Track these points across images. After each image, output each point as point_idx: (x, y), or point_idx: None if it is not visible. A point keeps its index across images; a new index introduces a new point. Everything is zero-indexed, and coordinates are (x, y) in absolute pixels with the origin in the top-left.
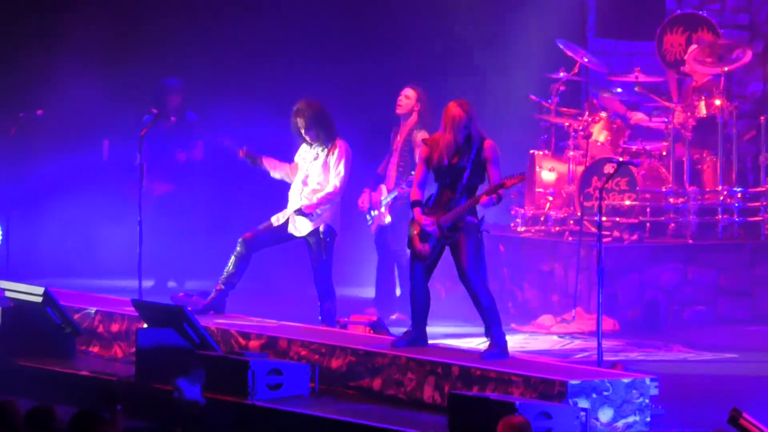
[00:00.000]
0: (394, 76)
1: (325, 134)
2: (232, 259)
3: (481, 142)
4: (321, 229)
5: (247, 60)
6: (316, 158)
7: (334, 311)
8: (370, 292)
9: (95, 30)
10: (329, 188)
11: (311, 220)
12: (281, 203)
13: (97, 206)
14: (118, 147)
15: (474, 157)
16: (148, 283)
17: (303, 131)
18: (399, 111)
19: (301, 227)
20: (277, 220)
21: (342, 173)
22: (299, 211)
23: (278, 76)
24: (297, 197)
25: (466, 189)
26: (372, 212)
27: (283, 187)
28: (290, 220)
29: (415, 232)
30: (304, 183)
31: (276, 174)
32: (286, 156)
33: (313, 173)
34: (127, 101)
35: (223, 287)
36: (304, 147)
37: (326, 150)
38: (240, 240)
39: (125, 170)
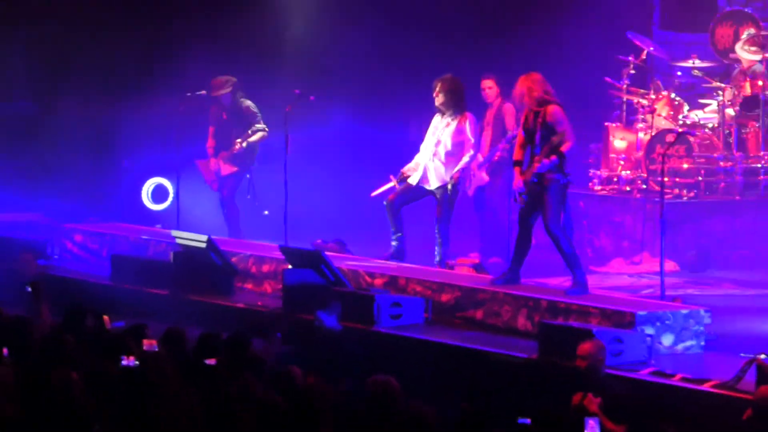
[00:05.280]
0: (497, 63)
1: (457, 106)
2: (390, 219)
3: (545, 107)
4: (449, 186)
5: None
6: (447, 125)
7: (447, 254)
8: (473, 239)
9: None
10: (469, 155)
11: (445, 177)
12: None
13: None
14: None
15: (541, 120)
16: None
17: (442, 100)
18: (488, 100)
19: (432, 182)
20: (413, 180)
21: (474, 141)
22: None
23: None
24: (429, 156)
25: (540, 148)
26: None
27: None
28: (425, 174)
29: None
30: (437, 145)
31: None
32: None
33: (444, 138)
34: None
35: (396, 241)
36: (437, 117)
37: (457, 119)
38: (385, 203)
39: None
